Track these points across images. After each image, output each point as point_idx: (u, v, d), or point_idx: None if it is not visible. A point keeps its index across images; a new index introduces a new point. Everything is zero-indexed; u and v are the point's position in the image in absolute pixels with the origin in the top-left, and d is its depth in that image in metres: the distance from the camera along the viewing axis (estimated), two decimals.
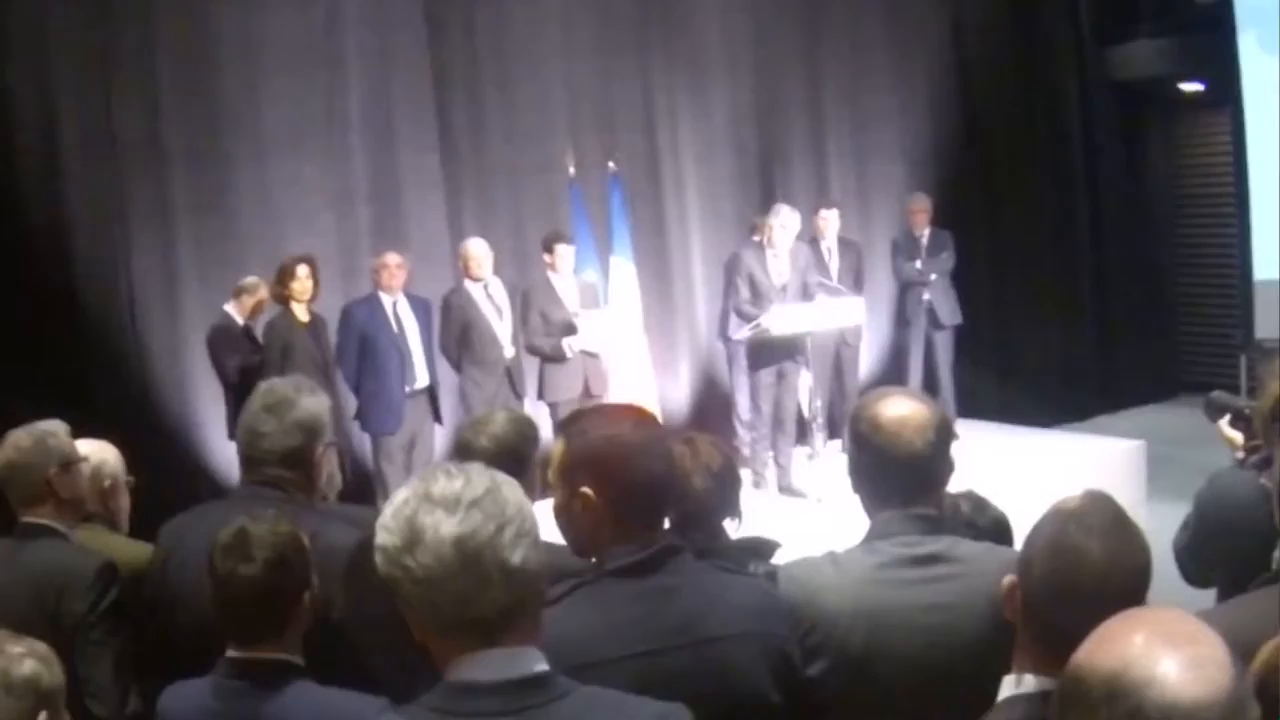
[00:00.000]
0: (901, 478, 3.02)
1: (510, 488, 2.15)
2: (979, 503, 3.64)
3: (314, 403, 3.65)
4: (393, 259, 9.49)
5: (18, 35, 9.31)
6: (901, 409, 3.03)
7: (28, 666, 2.21)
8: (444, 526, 2.04)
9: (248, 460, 3.67)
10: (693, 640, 2.65)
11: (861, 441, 3.06)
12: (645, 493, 2.74)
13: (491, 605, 2.08)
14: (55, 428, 4.15)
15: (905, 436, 2.98)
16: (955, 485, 3.67)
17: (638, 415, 2.88)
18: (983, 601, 2.83)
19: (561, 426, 2.91)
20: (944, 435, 3.04)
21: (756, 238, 10.72)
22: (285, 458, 3.61)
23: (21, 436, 4.06)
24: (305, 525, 3.28)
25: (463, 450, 3.82)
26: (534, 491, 3.92)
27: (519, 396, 9.70)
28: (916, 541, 2.97)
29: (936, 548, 2.97)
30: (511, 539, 2.08)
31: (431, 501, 2.06)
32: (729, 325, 10.99)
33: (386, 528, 2.09)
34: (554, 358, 9.81)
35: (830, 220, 11.45)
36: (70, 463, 4.07)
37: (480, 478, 2.12)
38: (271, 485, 3.59)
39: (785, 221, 10.22)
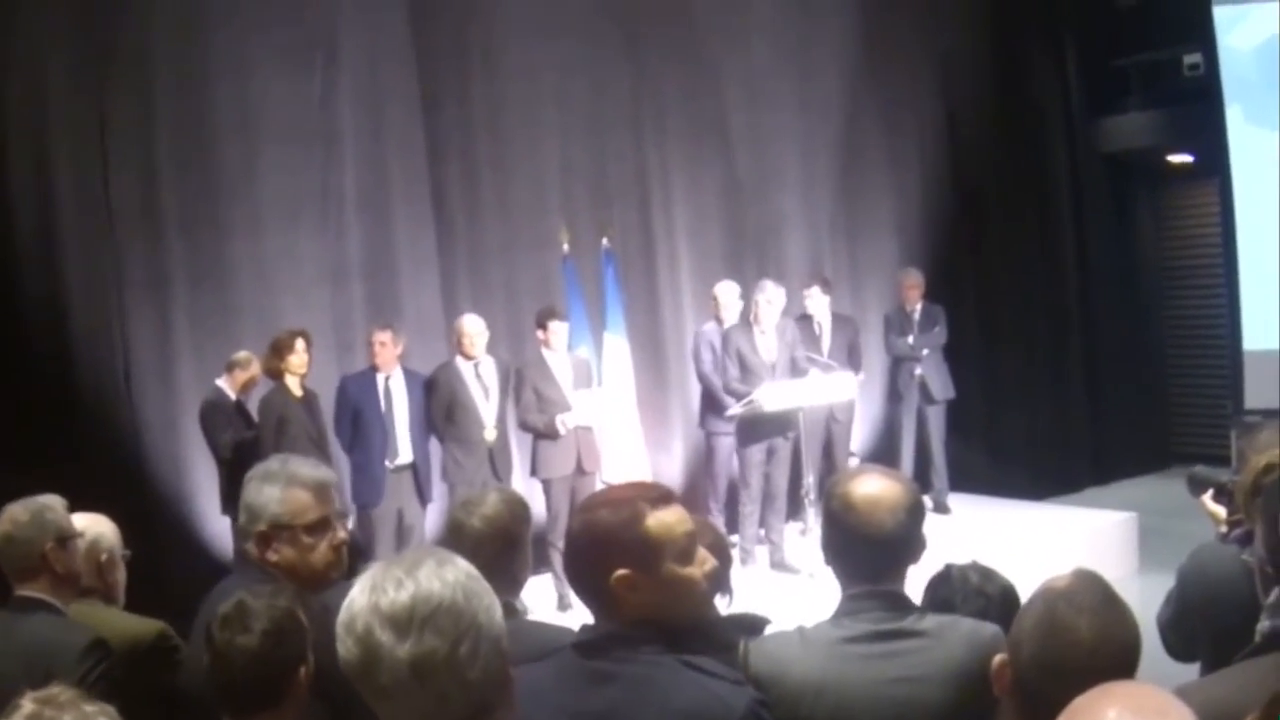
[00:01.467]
0: (871, 555, 3.07)
1: (465, 592, 2.09)
2: (986, 572, 3.69)
3: (259, 489, 3.63)
4: (380, 336, 9.54)
5: (15, 104, 9.38)
6: (874, 488, 3.08)
7: None
8: (398, 650, 2.02)
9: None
10: None
11: (834, 519, 3.12)
12: (588, 581, 2.76)
13: (453, 717, 2.08)
14: (53, 502, 4.13)
15: (877, 516, 3.04)
16: (957, 557, 3.73)
17: (621, 495, 2.82)
18: (946, 674, 2.92)
19: None
20: (915, 515, 3.09)
21: (724, 314, 10.71)
22: (242, 533, 3.66)
23: (19, 511, 4.04)
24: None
25: (455, 531, 3.81)
26: (527, 570, 3.94)
27: (499, 478, 9.62)
28: (883, 617, 3.03)
29: (902, 623, 3.03)
30: (468, 655, 2.05)
31: (382, 617, 2.03)
32: (709, 414, 10.79)
33: (344, 643, 2.07)
34: (547, 434, 9.79)
35: (814, 296, 11.42)
36: (67, 538, 4.06)
37: (431, 583, 2.06)
38: (254, 562, 3.62)
39: (771, 297, 10.26)
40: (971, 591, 3.59)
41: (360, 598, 2.07)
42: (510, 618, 3.20)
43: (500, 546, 3.74)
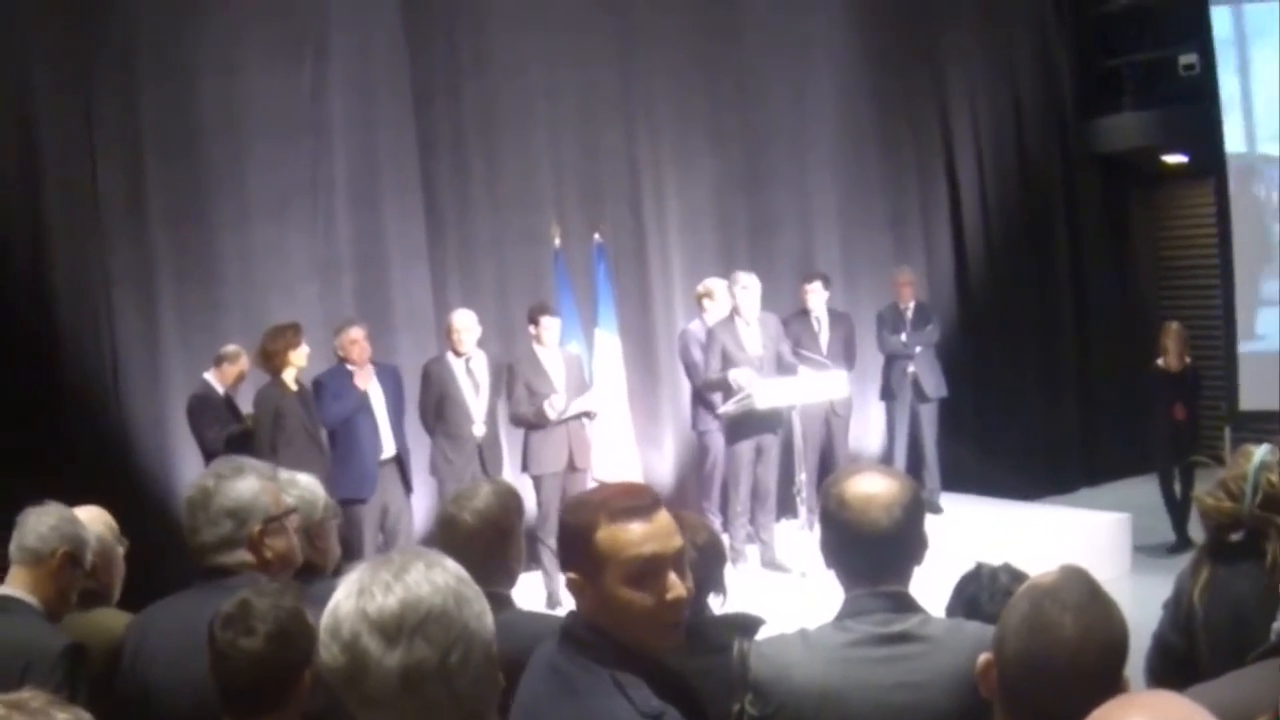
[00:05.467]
0: (869, 555, 3.00)
1: (456, 598, 2.04)
2: (1017, 574, 3.62)
3: (239, 486, 3.55)
4: (358, 332, 9.41)
5: (1, 100, 9.32)
6: (868, 486, 3.02)
7: None
8: (387, 659, 1.97)
9: (193, 555, 3.60)
10: None
11: (829, 518, 3.06)
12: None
13: None
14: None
15: (871, 514, 2.97)
16: (949, 557, 3.68)
17: (591, 499, 2.75)
18: (951, 679, 2.85)
19: None
20: (913, 513, 3.02)
21: (708, 308, 10.66)
22: (220, 547, 3.53)
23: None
24: None
25: (447, 525, 3.79)
26: (520, 563, 3.90)
27: (488, 474, 9.45)
28: (887, 620, 2.96)
29: (905, 626, 2.96)
30: (459, 663, 2.01)
31: (370, 623, 1.98)
32: (700, 413, 10.76)
33: (329, 649, 2.02)
34: (538, 423, 9.74)
35: (815, 291, 11.42)
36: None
37: (420, 588, 2.01)
38: (224, 573, 3.51)
39: (747, 284, 10.19)
40: (1000, 591, 3.51)
41: (346, 601, 2.02)
42: (506, 609, 3.16)
43: (493, 539, 3.74)
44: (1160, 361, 11.52)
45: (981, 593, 3.56)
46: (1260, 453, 3.71)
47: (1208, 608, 3.76)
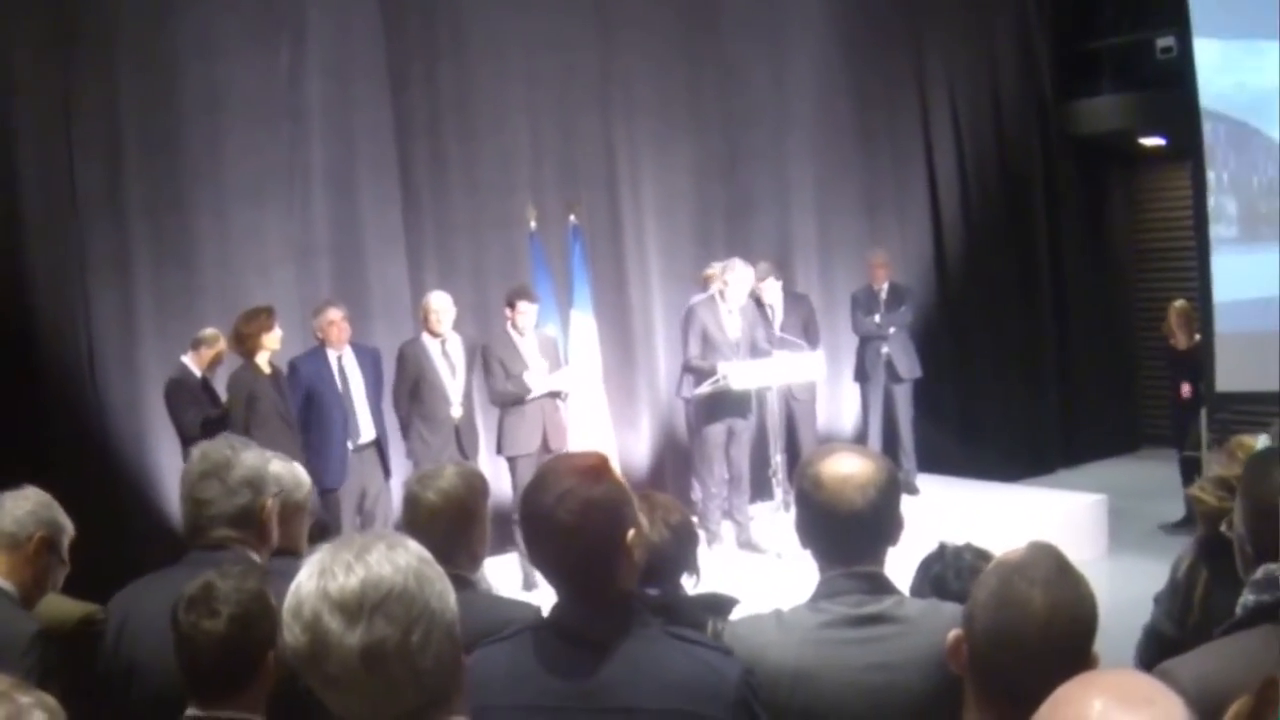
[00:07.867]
0: (843, 535, 2.99)
1: (417, 577, 2.02)
2: (980, 552, 3.62)
3: (253, 457, 3.60)
4: (333, 314, 9.39)
5: None
6: (844, 467, 3.00)
7: (37, 717, 2.13)
8: (348, 638, 1.95)
9: (195, 527, 3.60)
10: (600, 707, 2.57)
11: (804, 499, 3.04)
12: (602, 554, 2.65)
13: (404, 706, 2.02)
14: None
15: (846, 494, 2.95)
16: (927, 539, 3.67)
17: (587, 469, 2.70)
18: (926, 661, 2.83)
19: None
20: (888, 493, 3.00)
21: (712, 288, 10.66)
22: (234, 518, 3.56)
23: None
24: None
25: (410, 504, 3.79)
26: (484, 547, 3.89)
27: (465, 456, 9.55)
28: (861, 601, 2.95)
29: (880, 607, 2.95)
30: (420, 642, 1.99)
31: (331, 603, 1.96)
32: (683, 383, 10.82)
33: (291, 629, 2.00)
34: (519, 397, 9.73)
35: (769, 287, 11.36)
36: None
37: (381, 567, 2.00)
38: (219, 548, 3.52)
39: (741, 275, 10.21)
40: (966, 568, 3.50)
41: (308, 582, 2.01)
42: (467, 591, 3.13)
43: (455, 518, 3.72)
44: (1171, 341, 11.63)
45: (947, 571, 3.56)
46: (1260, 446, 3.68)
47: (1207, 613, 3.77)
